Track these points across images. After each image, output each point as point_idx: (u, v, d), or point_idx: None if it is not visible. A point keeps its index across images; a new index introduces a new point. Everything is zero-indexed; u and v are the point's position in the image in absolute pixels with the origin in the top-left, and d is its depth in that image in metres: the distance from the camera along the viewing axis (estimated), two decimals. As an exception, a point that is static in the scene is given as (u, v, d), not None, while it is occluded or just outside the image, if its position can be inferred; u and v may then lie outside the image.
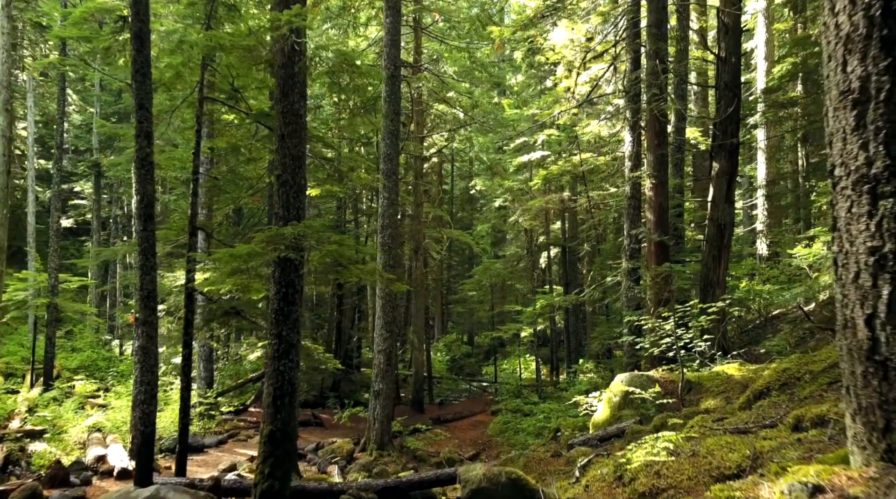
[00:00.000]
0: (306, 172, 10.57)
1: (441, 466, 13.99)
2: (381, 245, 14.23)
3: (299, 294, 6.89)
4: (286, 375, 6.67)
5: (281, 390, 6.63)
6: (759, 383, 5.75)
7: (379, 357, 14.06)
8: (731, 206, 12.04)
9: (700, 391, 7.96)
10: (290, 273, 6.76)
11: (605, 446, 7.45)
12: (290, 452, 6.63)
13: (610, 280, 13.78)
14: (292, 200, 6.90)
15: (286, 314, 6.76)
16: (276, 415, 6.56)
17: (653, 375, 8.40)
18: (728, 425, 4.50)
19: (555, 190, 23.84)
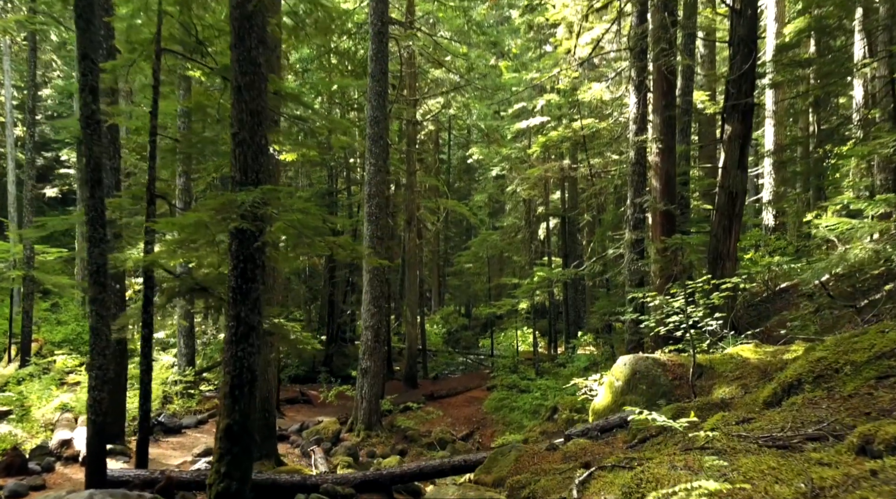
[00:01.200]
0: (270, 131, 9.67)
1: (432, 446, 13.36)
2: (368, 215, 13.37)
3: (260, 270, 6.05)
4: (245, 361, 5.87)
5: (239, 379, 5.84)
6: (787, 372, 4.94)
7: (367, 334, 13.31)
8: (743, 172, 11.14)
9: (712, 376, 7.18)
10: (248, 246, 5.92)
11: (607, 437, 6.70)
12: (249, 448, 5.87)
13: (612, 253, 12.95)
14: (250, 162, 6.01)
15: (245, 293, 5.93)
16: (234, 407, 5.78)
17: (659, 358, 7.62)
18: (759, 431, 3.69)
19: (554, 158, 22.85)
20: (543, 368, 18.81)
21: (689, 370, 7.35)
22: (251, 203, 5.63)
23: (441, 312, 33.77)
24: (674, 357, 7.67)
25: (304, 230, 5.87)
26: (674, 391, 7.20)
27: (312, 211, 5.89)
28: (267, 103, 6.19)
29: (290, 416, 15.33)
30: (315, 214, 5.92)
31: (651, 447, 5.50)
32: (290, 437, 12.64)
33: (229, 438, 5.75)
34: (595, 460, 5.69)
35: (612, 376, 7.91)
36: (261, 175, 6.08)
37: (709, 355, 7.66)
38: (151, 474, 7.36)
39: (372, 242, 13.26)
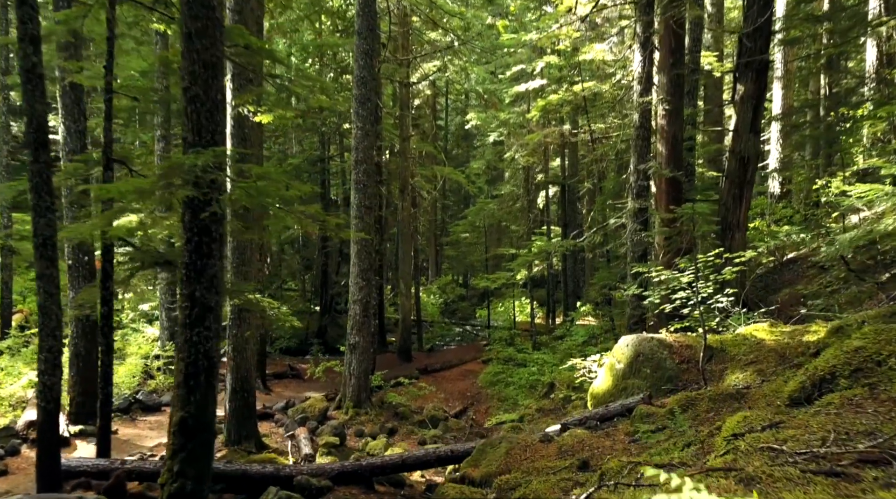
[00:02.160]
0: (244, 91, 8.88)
1: (423, 424, 12.83)
2: (355, 183, 12.60)
3: (218, 244, 5.34)
4: (201, 347, 5.20)
5: (195, 367, 5.18)
6: (818, 363, 4.27)
7: (355, 308, 12.67)
8: (756, 136, 10.37)
9: (724, 360, 6.54)
10: (204, 217, 5.20)
11: (607, 427, 6.08)
12: (208, 444, 5.24)
13: (613, 222, 12.23)
14: (204, 120, 5.25)
15: (200, 270, 5.23)
16: (189, 398, 5.13)
17: (665, 338, 6.97)
18: (795, 443, 3.03)
19: (554, 123, 21.94)
20: (541, 340, 18.26)
21: (697, 353, 6.71)
22: (202, 167, 4.89)
23: (438, 283, 33.17)
24: (680, 338, 7.02)
25: (264, 200, 5.14)
26: (681, 376, 6.57)
27: (274, 176, 5.15)
28: (223, 53, 5.39)
29: (277, 392, 14.80)
30: (277, 179, 5.18)
31: (657, 445, 4.87)
32: (275, 415, 12.10)
33: (184, 432, 5.12)
34: (594, 457, 5.08)
35: (612, 357, 7.28)
36: (217, 136, 5.32)
37: (719, 336, 7.01)
38: (111, 463, 6.78)
39: (360, 212, 12.53)
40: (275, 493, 6.41)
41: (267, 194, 5.12)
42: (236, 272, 9.56)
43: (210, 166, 4.91)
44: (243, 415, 9.66)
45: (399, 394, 14.23)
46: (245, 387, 9.66)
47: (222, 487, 6.81)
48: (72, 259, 10.29)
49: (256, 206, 5.33)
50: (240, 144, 9.51)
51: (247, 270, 9.60)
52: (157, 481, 5.12)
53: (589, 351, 14.32)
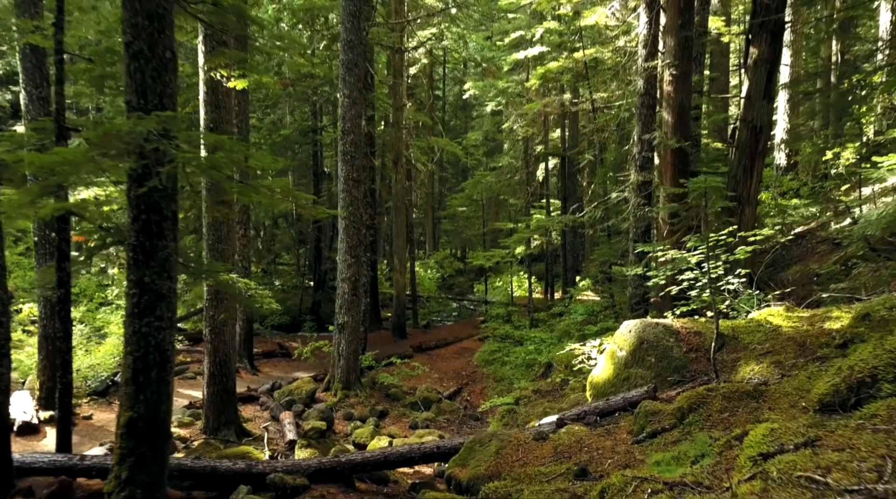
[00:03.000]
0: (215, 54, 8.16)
1: (416, 406, 12.36)
2: (342, 154, 11.92)
3: (170, 223, 4.71)
4: (151, 339, 4.61)
5: (145, 361, 4.60)
6: (853, 361, 3.68)
7: (343, 286, 12.09)
8: (770, 103, 9.67)
9: (736, 348, 5.96)
10: (153, 192, 4.57)
11: (608, 423, 5.53)
12: (160, 447, 4.68)
13: (615, 196, 11.58)
14: (150, 80, 4.59)
15: (149, 252, 4.62)
16: (139, 396, 4.56)
17: (672, 324, 6.39)
18: (841, 474, 2.45)
19: (554, 92, 21.11)
20: (539, 317, 17.74)
21: (707, 340, 6.13)
22: (145, 135, 4.24)
23: (435, 257, 32.59)
24: (688, 323, 6.43)
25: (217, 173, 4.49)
26: (688, 366, 6.00)
27: (229, 146, 4.50)
28: (171, 4, 4.69)
29: (265, 372, 14.31)
30: (235, 149, 4.53)
31: (664, 451, 4.31)
32: (260, 398, 11.60)
33: (133, 435, 4.55)
34: (594, 462, 4.53)
35: (614, 344, 6.70)
36: (166, 99, 4.65)
37: (730, 322, 6.43)
38: (69, 459, 6.24)
39: (348, 185, 11.87)
40: (245, 492, 5.89)
41: (221, 167, 4.48)
42: (212, 250, 8.95)
43: (154, 134, 4.26)
44: (222, 401, 9.14)
45: (391, 374, 13.75)
46: (224, 371, 9.12)
47: (190, 484, 6.29)
48: (38, 235, 9.66)
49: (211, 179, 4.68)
50: (214, 112, 8.82)
51: (224, 248, 8.99)
52: (104, 489, 4.57)
53: (588, 330, 13.81)
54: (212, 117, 8.80)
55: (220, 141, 4.58)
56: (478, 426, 11.56)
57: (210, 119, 8.80)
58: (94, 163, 4.15)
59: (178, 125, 4.31)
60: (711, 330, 6.23)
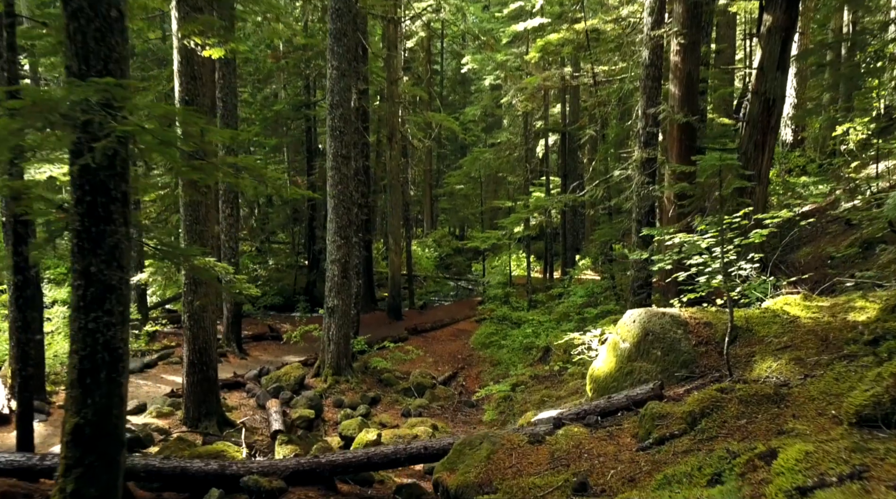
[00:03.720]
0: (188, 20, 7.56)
1: (409, 392, 11.94)
2: (330, 130, 11.33)
3: (120, 204, 4.18)
4: (100, 336, 4.11)
5: (92, 361, 4.11)
6: None
7: (333, 268, 11.59)
8: (784, 74, 9.07)
9: (750, 341, 5.46)
10: (98, 170, 4.04)
11: (610, 425, 5.05)
12: (112, 457, 4.20)
13: (618, 174, 11.00)
14: (93, 43, 4.02)
15: (95, 238, 4.10)
16: (86, 399, 4.08)
17: (679, 314, 5.89)
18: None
19: (554, 66, 20.38)
20: (537, 299, 17.27)
21: (718, 332, 5.63)
22: (84, 105, 3.68)
23: (433, 235, 32.02)
24: (697, 313, 5.93)
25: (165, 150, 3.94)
26: (698, 360, 5.51)
27: (183, 117, 3.94)
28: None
29: (254, 356, 13.87)
30: (191, 121, 3.97)
31: (674, 463, 3.83)
32: (247, 384, 11.16)
33: (79, 443, 4.08)
34: (595, 472, 4.06)
35: (616, 334, 6.21)
36: (112, 65, 4.09)
37: (743, 311, 5.92)
38: (28, 459, 5.78)
39: (336, 162, 11.30)
40: (217, 496, 5.45)
41: (173, 142, 3.92)
42: (189, 232, 8.42)
43: (93, 104, 3.71)
44: (203, 390, 8.69)
45: (384, 358, 13.31)
46: (204, 359, 8.65)
47: (160, 485, 5.85)
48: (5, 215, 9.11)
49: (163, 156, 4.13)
50: (189, 84, 8.22)
51: (202, 229, 8.46)
52: None
53: (588, 313, 13.34)
54: (187, 89, 8.21)
55: (170, 111, 4.02)
56: (473, 414, 11.15)
57: (185, 91, 8.21)
58: (17, 137, 3.60)
59: (124, 94, 3.75)
60: (723, 321, 5.73)
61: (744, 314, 5.78)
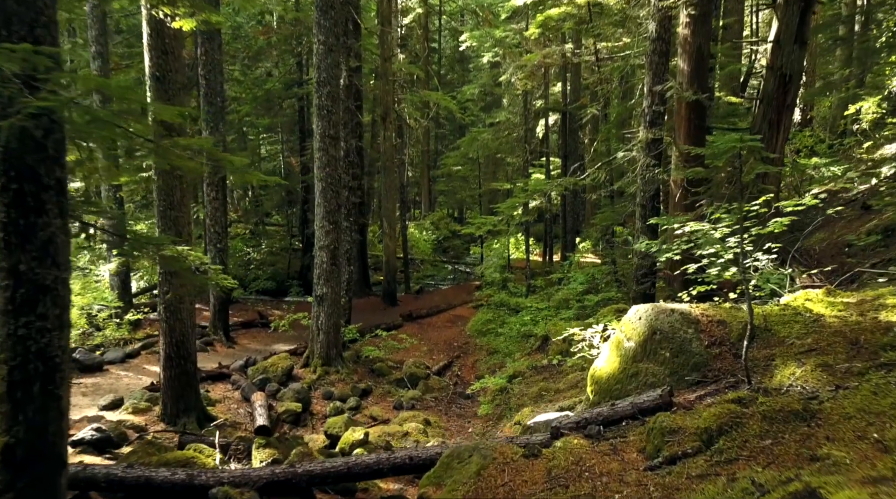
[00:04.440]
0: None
1: (402, 383, 11.49)
2: (318, 108, 10.72)
3: (55, 193, 3.64)
4: (32, 343, 3.60)
5: (24, 372, 3.60)
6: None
7: (321, 255, 11.07)
8: (802, 48, 8.45)
9: (769, 342, 4.95)
10: (25, 154, 3.49)
11: (613, 436, 4.55)
12: (48, 479, 3.71)
13: (622, 156, 10.41)
14: (15, 5, 3.45)
15: (24, 232, 3.57)
16: (17, 416, 3.58)
17: (690, 311, 5.36)
18: None
19: (555, 42, 19.64)
20: (536, 284, 16.77)
21: (733, 332, 5.11)
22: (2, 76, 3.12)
23: (431, 218, 31.42)
24: (710, 310, 5.40)
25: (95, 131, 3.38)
26: (711, 363, 4.99)
27: (119, 92, 3.38)
28: None
29: (242, 344, 13.39)
30: (129, 97, 3.41)
31: (688, 491, 3.33)
32: (232, 376, 10.69)
33: (10, 465, 3.58)
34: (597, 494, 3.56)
35: (620, 332, 5.69)
36: (40, 30, 3.52)
37: (760, 307, 5.40)
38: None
39: (324, 143, 10.71)
40: (182, 511, 4.98)
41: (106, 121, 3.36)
42: (163, 218, 7.88)
43: (10, 75, 3.14)
44: (181, 384, 8.21)
45: (377, 347, 12.83)
46: (182, 353, 8.16)
47: (122, 496, 5.38)
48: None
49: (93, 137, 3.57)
50: (160, 58, 7.63)
51: (177, 215, 7.91)
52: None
53: (588, 300, 12.84)
54: (157, 65, 7.61)
55: (104, 84, 3.43)
56: (468, 406, 10.70)
57: (156, 67, 7.61)
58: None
59: (48, 63, 3.18)
60: (738, 319, 5.21)
61: (761, 312, 5.25)
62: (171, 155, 3.80)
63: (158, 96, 7.66)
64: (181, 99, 7.87)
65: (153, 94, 7.66)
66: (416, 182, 35.99)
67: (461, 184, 27.72)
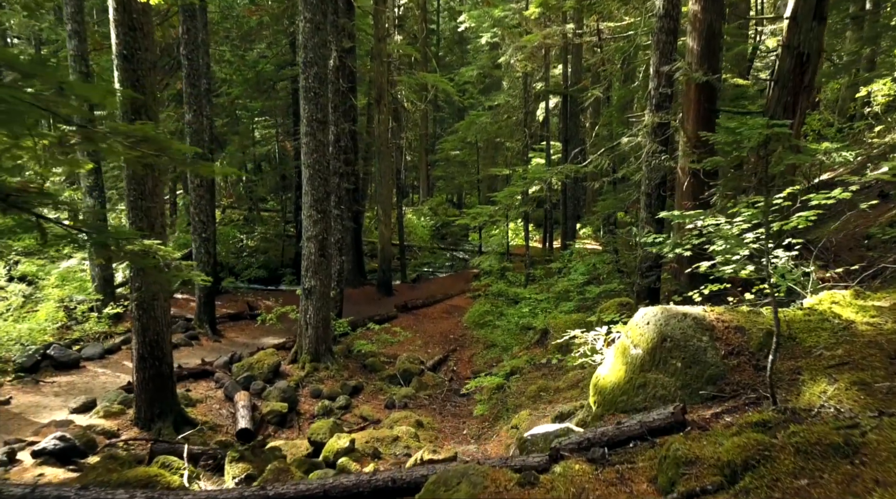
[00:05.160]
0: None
1: (394, 380, 11.01)
2: (304, 90, 10.13)
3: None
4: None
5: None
6: None
7: (309, 246, 10.53)
8: (821, 24, 7.84)
9: (793, 353, 4.42)
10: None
11: (619, 460, 4.04)
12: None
13: (626, 141, 9.83)
14: None
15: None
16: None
17: (704, 316, 4.83)
18: None
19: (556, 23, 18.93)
20: (536, 274, 16.24)
21: (752, 340, 4.59)
22: None
23: (429, 203, 30.82)
24: (726, 315, 4.87)
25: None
26: (728, 376, 4.48)
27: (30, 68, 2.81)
28: None
29: (229, 338, 12.89)
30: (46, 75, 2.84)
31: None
32: (216, 373, 10.19)
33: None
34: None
35: (626, 337, 5.17)
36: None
37: (782, 312, 4.86)
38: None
39: (311, 127, 10.13)
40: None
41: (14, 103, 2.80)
42: (134, 208, 7.33)
43: None
44: (156, 387, 7.71)
45: (369, 341, 12.35)
46: (156, 353, 7.65)
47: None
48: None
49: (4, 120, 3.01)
50: (128, 35, 7.03)
51: (149, 206, 7.36)
52: None
53: (590, 292, 12.32)
54: (125, 42, 7.02)
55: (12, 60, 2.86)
56: (463, 405, 10.22)
57: (122, 44, 7.02)
58: None
59: None
60: (758, 325, 4.69)
61: (784, 317, 4.72)
62: (102, 141, 3.24)
63: (126, 76, 7.08)
64: (152, 79, 7.29)
65: (120, 74, 7.08)
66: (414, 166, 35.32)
67: (459, 169, 27.09)
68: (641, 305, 9.33)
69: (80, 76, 12.01)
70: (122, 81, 7.07)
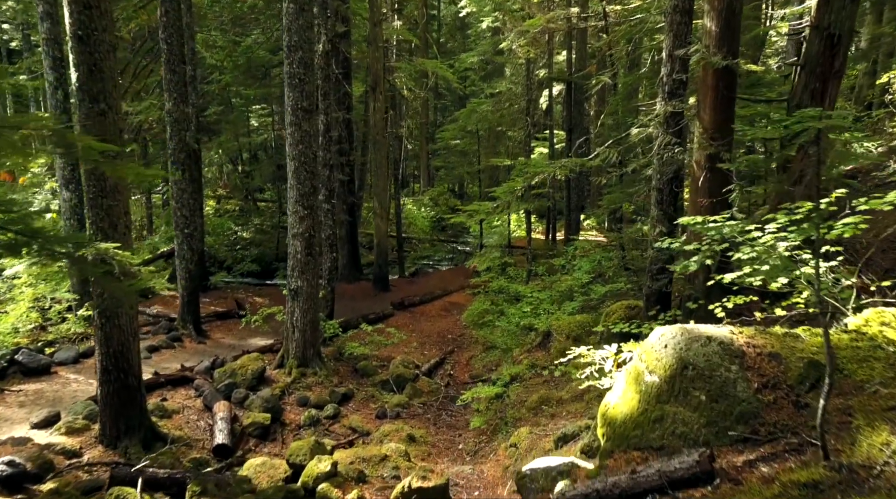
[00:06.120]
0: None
1: (387, 386, 10.35)
2: (289, 77, 9.40)
3: None
4: None
5: None
6: None
7: (295, 244, 9.85)
8: (854, 3, 7.08)
9: (843, 388, 3.73)
10: None
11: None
12: None
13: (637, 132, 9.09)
14: None
15: None
16: None
17: (732, 339, 4.12)
18: None
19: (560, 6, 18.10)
20: (538, 270, 15.54)
21: (791, 371, 3.91)
22: None
23: (430, 193, 30.06)
24: (756, 338, 4.17)
25: None
26: (763, 414, 3.79)
27: None
28: None
29: (215, 339, 12.24)
30: None
31: None
32: (196, 380, 9.53)
33: None
34: None
35: (640, 360, 4.49)
36: None
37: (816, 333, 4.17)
38: None
39: (297, 117, 9.41)
40: None
41: None
42: (93, 207, 6.65)
43: None
44: (121, 401, 7.06)
45: (362, 343, 11.70)
46: (121, 365, 7.00)
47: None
48: None
49: None
50: (82, 14, 6.32)
51: (110, 204, 6.67)
52: None
53: (595, 292, 11.64)
54: (79, 21, 6.31)
55: None
56: (459, 414, 9.58)
57: (77, 24, 6.32)
58: None
59: None
60: (797, 352, 4.00)
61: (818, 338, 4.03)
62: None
63: (82, 60, 6.38)
64: (111, 63, 6.58)
65: (76, 57, 6.38)
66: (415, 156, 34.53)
67: (459, 159, 26.31)
68: (651, 309, 8.65)
69: (53, 61, 11.29)
70: (77, 65, 6.38)
